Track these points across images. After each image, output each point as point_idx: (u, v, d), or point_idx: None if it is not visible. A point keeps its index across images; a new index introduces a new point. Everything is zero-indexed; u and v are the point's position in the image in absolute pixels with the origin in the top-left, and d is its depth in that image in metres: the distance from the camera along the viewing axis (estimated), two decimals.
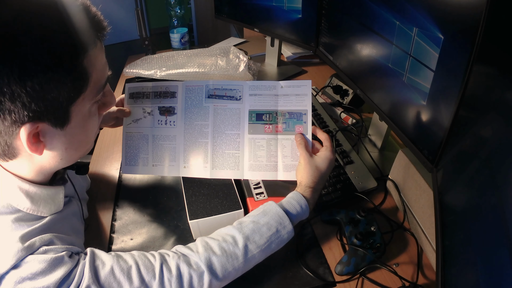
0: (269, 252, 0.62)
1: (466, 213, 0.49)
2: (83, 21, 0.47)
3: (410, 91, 0.66)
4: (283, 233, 0.62)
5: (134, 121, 0.77)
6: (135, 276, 0.52)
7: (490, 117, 0.49)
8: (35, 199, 0.54)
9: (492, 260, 0.39)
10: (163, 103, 0.76)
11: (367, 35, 0.80)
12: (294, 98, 0.74)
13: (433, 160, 0.62)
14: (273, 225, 0.61)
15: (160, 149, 0.76)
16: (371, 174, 0.82)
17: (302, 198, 0.65)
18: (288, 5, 1.14)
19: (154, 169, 0.77)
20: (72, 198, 0.65)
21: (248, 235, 0.60)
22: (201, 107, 0.76)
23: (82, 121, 0.51)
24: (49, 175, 0.58)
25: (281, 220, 0.62)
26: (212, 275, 0.56)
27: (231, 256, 0.58)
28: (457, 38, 0.52)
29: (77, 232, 0.63)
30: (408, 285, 0.63)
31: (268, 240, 0.60)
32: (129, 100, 0.77)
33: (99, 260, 0.53)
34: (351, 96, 1.10)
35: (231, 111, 0.75)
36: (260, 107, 0.75)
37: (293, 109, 0.74)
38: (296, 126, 0.73)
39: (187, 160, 0.76)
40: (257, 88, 0.75)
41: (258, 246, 0.60)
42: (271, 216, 0.62)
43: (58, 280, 0.48)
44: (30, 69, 0.41)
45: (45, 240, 0.50)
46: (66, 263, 0.49)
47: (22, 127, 0.45)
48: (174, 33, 1.48)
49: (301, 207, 0.64)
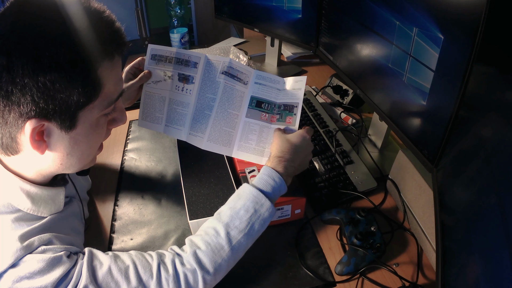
0: (255, 234, 0.61)
1: (466, 213, 0.49)
2: (105, 32, 0.49)
3: (410, 91, 0.66)
4: (262, 212, 0.61)
5: (154, 82, 0.80)
6: (132, 275, 0.53)
7: (490, 117, 0.49)
8: (36, 200, 0.54)
9: (492, 260, 0.39)
10: (183, 71, 0.79)
11: (367, 35, 0.80)
12: (290, 92, 0.78)
13: (433, 160, 0.62)
14: (250, 206, 0.60)
15: (173, 112, 0.80)
16: (371, 174, 0.82)
17: (272, 171, 0.64)
18: (288, 5, 1.14)
19: (165, 129, 0.81)
20: (73, 198, 0.65)
21: (227, 222, 0.59)
22: (214, 81, 0.79)
23: (89, 129, 0.52)
24: (49, 177, 0.58)
25: (257, 199, 0.61)
26: (203, 270, 0.56)
27: (217, 248, 0.57)
28: (457, 38, 0.52)
29: (77, 232, 0.63)
30: (408, 285, 0.63)
31: (248, 223, 0.60)
32: (150, 61, 0.79)
33: (96, 260, 0.53)
34: (351, 96, 1.10)
35: (237, 92, 0.79)
36: (261, 96, 0.79)
37: (288, 102, 0.77)
38: (287, 117, 0.76)
39: (192, 128, 0.79)
40: (263, 78, 0.79)
41: (240, 231, 0.59)
42: (246, 197, 0.61)
43: (56, 280, 0.48)
44: (44, 65, 0.42)
45: (44, 240, 0.50)
46: (65, 263, 0.49)
47: (28, 122, 0.45)
48: (174, 33, 1.48)
49: (274, 180, 0.63)
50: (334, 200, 0.78)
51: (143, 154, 0.97)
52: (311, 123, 0.98)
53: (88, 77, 0.47)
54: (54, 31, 0.44)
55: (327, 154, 0.88)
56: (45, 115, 0.46)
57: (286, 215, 0.74)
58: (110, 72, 0.50)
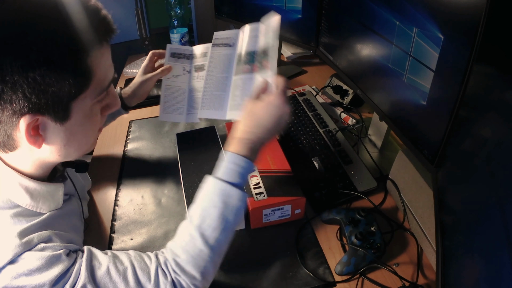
0: (231, 226, 0.58)
1: (466, 213, 0.49)
2: (92, 21, 0.48)
3: (410, 91, 0.66)
4: (232, 202, 0.57)
5: (174, 76, 0.89)
6: (131, 277, 0.52)
7: (490, 117, 0.49)
8: (35, 195, 0.54)
9: (492, 260, 0.39)
10: (197, 62, 0.90)
11: (367, 35, 0.80)
12: (265, 35, 0.76)
13: (433, 160, 0.62)
14: (218, 201, 0.57)
15: (192, 99, 0.88)
16: (371, 174, 0.82)
17: (236, 156, 0.60)
18: (288, 5, 1.14)
19: (186, 117, 0.88)
20: (72, 197, 0.65)
21: (199, 224, 0.56)
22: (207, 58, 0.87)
23: (83, 119, 0.51)
24: (48, 170, 0.58)
25: (224, 191, 0.58)
26: (189, 277, 0.54)
27: (195, 252, 0.55)
28: (457, 38, 0.52)
29: (76, 230, 0.63)
30: (408, 285, 0.63)
31: (221, 217, 0.56)
32: (170, 58, 0.90)
33: (96, 259, 0.53)
34: (351, 96, 1.10)
35: (224, 57, 0.85)
36: (245, 49, 0.81)
37: (263, 46, 0.76)
38: (263, 61, 0.74)
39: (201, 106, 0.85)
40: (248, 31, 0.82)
41: (215, 228, 0.56)
42: (213, 192, 0.58)
43: (54, 278, 0.48)
44: (33, 61, 0.42)
45: (43, 237, 0.50)
46: (63, 261, 0.49)
47: (22, 118, 0.45)
48: (174, 33, 1.48)
49: (240, 166, 0.59)
50: (334, 200, 0.78)
51: (143, 154, 0.97)
52: (311, 123, 0.98)
53: (78, 68, 0.46)
54: (40, 26, 0.43)
55: (327, 154, 0.88)
56: (38, 110, 0.45)
57: (286, 215, 0.74)
58: (100, 59, 0.49)
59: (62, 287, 0.48)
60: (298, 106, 1.06)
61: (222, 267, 0.67)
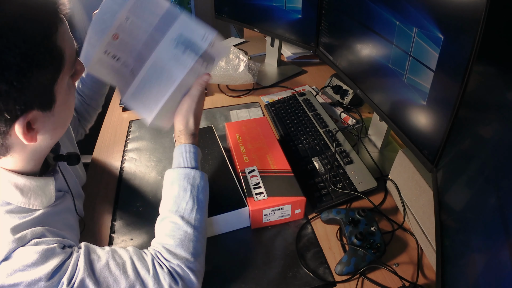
0: (205, 203, 0.64)
1: (466, 213, 0.49)
2: (48, 2, 0.47)
3: (410, 91, 0.67)
4: (198, 182, 0.64)
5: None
6: (130, 270, 0.53)
7: (490, 117, 0.49)
8: (25, 191, 0.53)
9: (492, 260, 0.39)
10: None
11: (367, 35, 0.80)
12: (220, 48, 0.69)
13: (433, 160, 0.62)
14: (185, 184, 0.63)
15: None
16: (371, 174, 0.82)
17: (186, 146, 0.67)
18: (288, 5, 1.14)
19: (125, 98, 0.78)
20: (66, 194, 0.65)
21: (176, 210, 0.61)
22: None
23: (65, 97, 0.52)
24: (40, 161, 0.58)
25: (188, 175, 0.64)
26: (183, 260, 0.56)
27: (182, 235, 0.58)
28: (457, 38, 0.52)
29: (71, 227, 0.63)
30: (408, 285, 0.63)
31: (192, 198, 0.62)
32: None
33: (94, 254, 0.53)
34: (351, 96, 1.10)
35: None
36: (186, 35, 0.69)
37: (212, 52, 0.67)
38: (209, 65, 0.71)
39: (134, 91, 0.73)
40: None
41: (191, 209, 0.61)
42: (178, 179, 0.64)
43: (50, 271, 0.47)
44: (8, 62, 0.41)
45: (36, 233, 0.50)
46: (59, 254, 0.49)
47: (16, 124, 0.45)
48: None
49: (191, 152, 0.67)
50: (334, 200, 0.78)
51: (143, 154, 0.97)
52: (311, 123, 0.98)
53: (52, 51, 0.47)
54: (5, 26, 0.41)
55: (327, 154, 0.88)
56: (27, 108, 0.46)
57: (286, 215, 0.74)
58: (64, 36, 0.49)
59: (59, 280, 0.48)
60: (298, 106, 1.06)
61: (222, 267, 0.68)
